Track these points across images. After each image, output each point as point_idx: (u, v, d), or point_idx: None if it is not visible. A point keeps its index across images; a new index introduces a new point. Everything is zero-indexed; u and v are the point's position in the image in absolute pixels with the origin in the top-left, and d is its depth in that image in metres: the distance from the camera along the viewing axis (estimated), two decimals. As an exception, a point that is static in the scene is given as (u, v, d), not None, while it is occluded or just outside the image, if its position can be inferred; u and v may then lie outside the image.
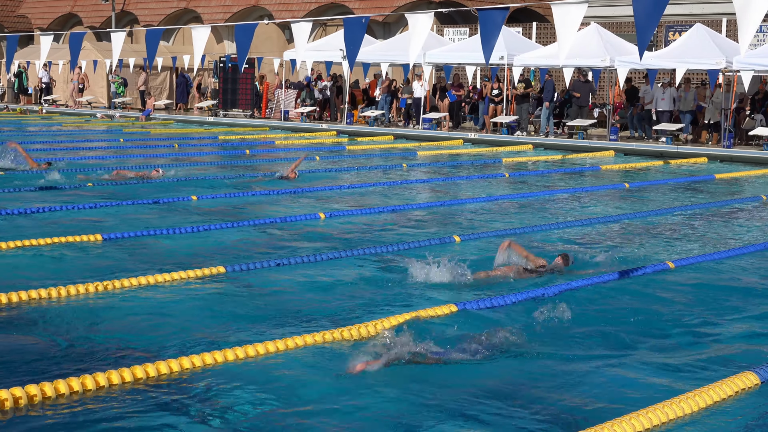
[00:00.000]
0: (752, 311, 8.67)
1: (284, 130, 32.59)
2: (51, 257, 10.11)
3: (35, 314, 7.86)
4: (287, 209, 14.00)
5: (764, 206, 16.02)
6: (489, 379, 6.61)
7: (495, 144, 27.85)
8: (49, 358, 6.77)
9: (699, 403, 5.96)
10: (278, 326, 7.69)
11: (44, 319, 7.74)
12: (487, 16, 16.05)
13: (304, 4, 46.70)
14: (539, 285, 9.28)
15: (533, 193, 16.99)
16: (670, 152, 25.50)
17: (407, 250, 10.98)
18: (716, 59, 25.76)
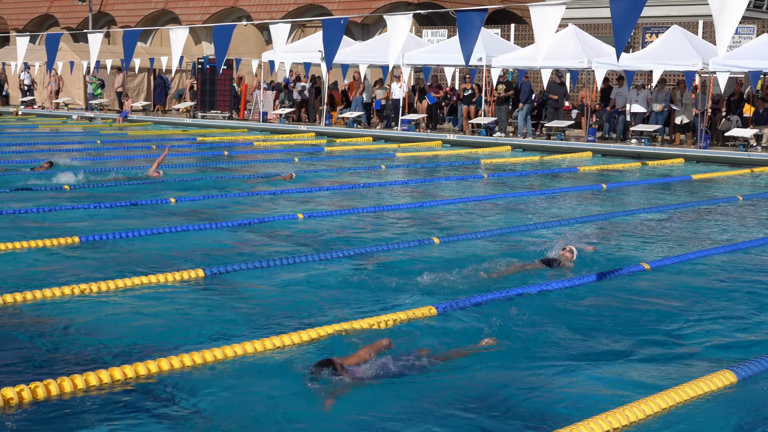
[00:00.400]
0: (728, 311, 8.73)
1: (263, 131, 32.53)
2: (27, 260, 10.06)
3: (11, 318, 7.82)
4: (265, 210, 13.99)
5: (740, 207, 16.12)
6: (462, 380, 6.63)
7: (473, 145, 27.90)
8: (26, 360, 6.74)
9: (676, 400, 6.01)
10: (257, 328, 7.68)
11: (21, 322, 7.70)
12: (465, 17, 16.08)
13: (282, 5, 46.65)
14: (517, 285, 9.31)
15: (512, 194, 17.04)
16: (648, 153, 25.62)
17: (386, 251, 10.99)
18: (693, 61, 25.90)
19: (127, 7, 53.34)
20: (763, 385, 6.56)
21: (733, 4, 12.38)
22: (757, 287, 9.78)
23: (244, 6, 48.21)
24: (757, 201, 17.02)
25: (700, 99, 26.52)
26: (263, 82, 36.12)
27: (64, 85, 42.04)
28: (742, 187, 19.39)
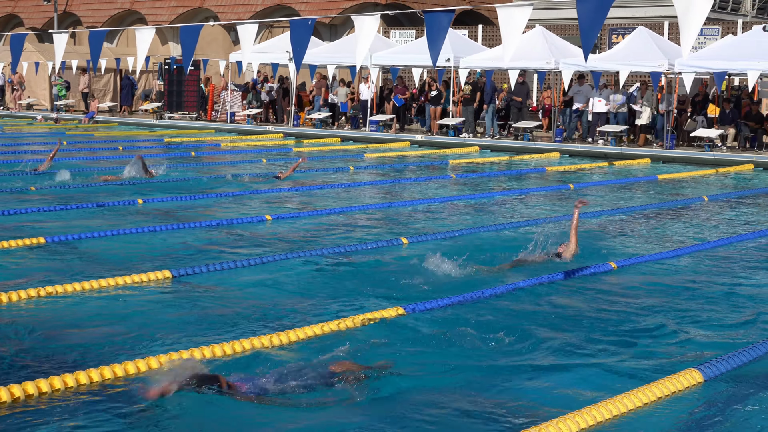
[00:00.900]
0: (694, 310, 8.79)
1: (230, 132, 32.42)
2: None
3: (-23, 320, 7.74)
4: (234, 212, 13.93)
5: (706, 207, 16.25)
6: (429, 382, 6.63)
7: (442, 146, 27.95)
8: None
9: (643, 400, 6.04)
10: (224, 330, 7.64)
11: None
12: (433, 18, 16.12)
13: (249, 5, 46.52)
14: (485, 285, 9.33)
15: (480, 194, 17.08)
16: (614, 153, 25.78)
17: (354, 252, 10.97)
18: (658, 61, 26.10)
19: (92, 8, 52.96)
20: (730, 383, 6.61)
21: (697, 5, 12.49)
22: (722, 287, 9.86)
23: (211, 6, 48.02)
24: (723, 201, 17.16)
25: (666, 99, 26.73)
26: (231, 83, 36.00)
27: (27, 86, 41.67)
28: (708, 187, 19.56)
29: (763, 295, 9.53)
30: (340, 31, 43.11)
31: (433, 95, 30.45)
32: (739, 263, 11.15)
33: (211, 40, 45.00)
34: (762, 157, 24.30)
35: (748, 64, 24.66)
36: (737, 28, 31.88)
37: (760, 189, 19.49)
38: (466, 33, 37.11)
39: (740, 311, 8.80)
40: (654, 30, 30.42)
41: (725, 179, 21.44)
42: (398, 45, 34.62)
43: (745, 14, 39.34)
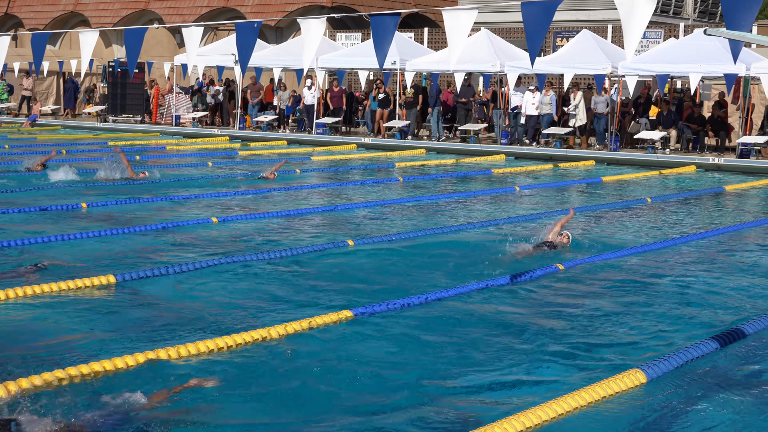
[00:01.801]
0: (639, 310, 8.89)
1: (175, 135, 32.17)
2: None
3: None
4: (179, 215, 13.83)
5: (649, 208, 16.45)
6: (374, 384, 6.64)
7: (388, 149, 27.99)
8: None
9: (587, 400, 6.09)
10: (169, 334, 7.58)
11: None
12: (379, 21, 16.13)
13: (195, 8, 46.22)
14: (433, 288, 9.35)
15: (427, 196, 17.12)
16: (559, 156, 26.01)
17: (300, 254, 10.95)
18: (602, 64, 26.38)
19: (35, 9, 52.24)
20: (673, 383, 6.69)
21: (640, 9, 12.64)
22: (665, 287, 9.99)
23: (155, 9, 47.63)
24: (666, 202, 17.39)
25: (604, 101, 27.03)
26: (176, 86, 35.73)
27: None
28: (651, 189, 19.80)
29: (705, 295, 9.67)
30: (286, 34, 42.99)
31: (380, 98, 30.47)
32: (682, 264, 11.30)
33: (156, 42, 44.63)
34: (704, 158, 24.66)
35: (690, 67, 25.02)
36: (679, 31, 32.32)
37: (702, 191, 19.77)
38: (412, 36, 37.20)
39: (683, 311, 8.92)
40: (598, 33, 30.74)
41: (668, 181, 21.72)
42: (344, 48, 34.60)
43: (686, 18, 39.90)
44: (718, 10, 41.38)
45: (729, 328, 7.98)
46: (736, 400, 6.43)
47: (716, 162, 24.32)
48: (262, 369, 6.84)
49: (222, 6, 45.51)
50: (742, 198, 19.12)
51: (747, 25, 10.31)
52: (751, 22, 10.33)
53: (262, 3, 44.46)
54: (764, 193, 19.82)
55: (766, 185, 20.97)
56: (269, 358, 7.05)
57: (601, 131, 27.33)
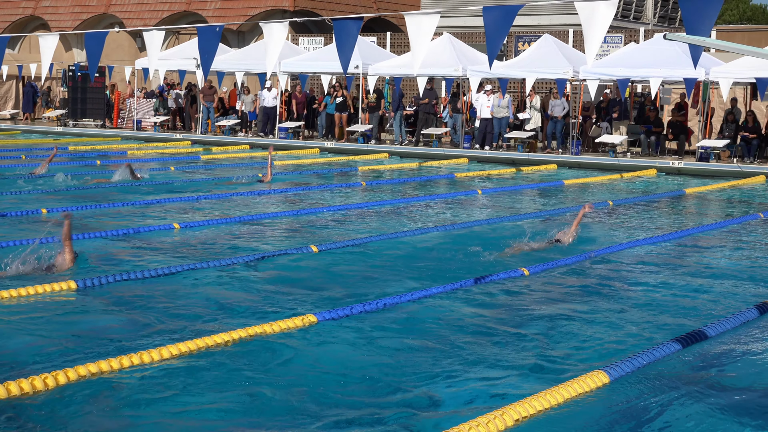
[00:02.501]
0: (602, 313, 8.95)
1: (137, 139, 31.97)
2: None
3: None
4: (141, 220, 13.73)
5: (610, 211, 16.56)
6: (342, 389, 6.63)
7: (351, 153, 27.99)
8: None
9: (551, 402, 6.12)
10: (131, 341, 7.53)
11: None
12: (341, 25, 16.13)
13: (156, 12, 45.97)
14: (400, 292, 9.36)
15: (390, 200, 17.13)
16: (522, 159, 26.13)
17: (263, 259, 10.91)
18: (564, 69, 26.55)
19: (-7, 13, 51.75)
20: (635, 384, 6.74)
21: (600, 14, 12.73)
22: (627, 290, 10.07)
23: (116, 12, 47.32)
24: (627, 205, 17.51)
25: (560, 105, 27.22)
26: (137, 90, 35.50)
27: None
28: (613, 192, 19.95)
29: (666, 297, 9.75)
30: (248, 38, 42.88)
31: (338, 101, 30.44)
32: (644, 266, 11.38)
33: (117, 46, 44.35)
34: (664, 162, 24.89)
35: (651, 72, 25.26)
36: (639, 36, 32.61)
37: (663, 194, 19.94)
38: (375, 40, 37.24)
39: (645, 313, 8.99)
40: (559, 38, 30.95)
41: (630, 184, 21.89)
42: (307, 52, 34.57)
43: (647, 22, 40.26)
44: (678, 15, 41.82)
45: (691, 330, 8.05)
46: (697, 401, 6.49)
47: (676, 165, 24.55)
48: (225, 373, 6.80)
49: (183, 10, 45.32)
50: (702, 201, 19.31)
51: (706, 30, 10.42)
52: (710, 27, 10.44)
53: (224, 7, 44.33)
54: (724, 196, 20.03)
55: (726, 188, 21.20)
56: (232, 363, 7.01)
57: (558, 135, 27.48)
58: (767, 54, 8.56)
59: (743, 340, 8.12)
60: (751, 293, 10.00)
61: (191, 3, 45.22)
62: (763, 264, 11.88)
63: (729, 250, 12.86)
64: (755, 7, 77.07)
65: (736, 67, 24.75)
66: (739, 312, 8.82)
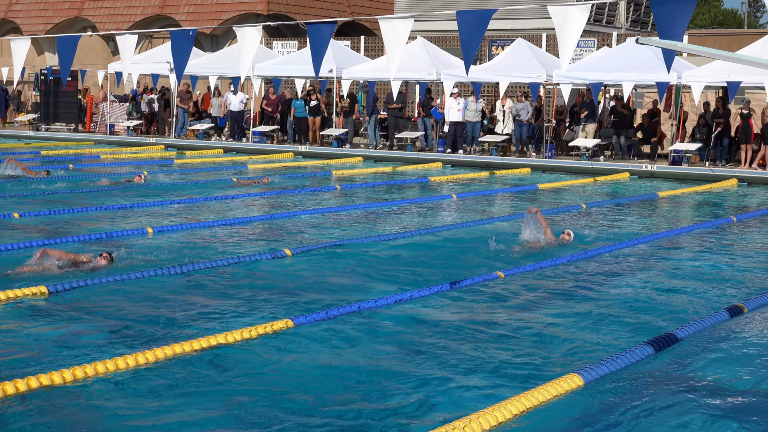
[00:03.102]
0: (576, 316, 8.98)
1: (110, 144, 31.80)
2: None
3: None
4: (114, 225, 13.65)
5: (584, 214, 16.63)
6: (318, 393, 6.62)
7: (325, 157, 27.96)
8: None
9: (526, 405, 6.14)
10: (105, 346, 7.48)
11: None
12: (315, 29, 16.12)
13: (129, 15, 45.76)
14: (375, 296, 9.35)
15: (364, 204, 17.13)
16: (496, 163, 26.20)
17: (237, 264, 10.88)
18: (537, 73, 26.65)
19: (-36, 16, 51.33)
20: (609, 387, 6.77)
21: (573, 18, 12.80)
22: (600, 293, 10.12)
23: (89, 16, 47.07)
24: (601, 209, 17.59)
25: (525, 109, 27.32)
26: (110, 94, 35.34)
27: None
28: (586, 195, 20.03)
29: (640, 300, 9.80)
30: (222, 42, 42.76)
31: (312, 105, 30.40)
32: (618, 269, 11.44)
33: (89, 50, 44.11)
34: (637, 165, 25.02)
35: (623, 75, 25.40)
36: (612, 40, 32.77)
37: (636, 197, 20.05)
38: (349, 44, 37.24)
39: (619, 316, 9.03)
40: (532, 42, 31.05)
41: (603, 188, 21.99)
42: (281, 56, 34.52)
43: (619, 27, 40.48)
44: (651, 19, 42.09)
45: (664, 332, 8.10)
46: (671, 403, 6.53)
47: (649, 169, 24.69)
48: (199, 380, 6.78)
49: (157, 14, 45.15)
50: (674, 204, 19.44)
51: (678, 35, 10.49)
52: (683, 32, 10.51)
53: (197, 11, 44.19)
54: (696, 199, 20.16)
55: (698, 191, 21.34)
56: (206, 369, 6.99)
57: (524, 138, 27.56)
58: (738, 58, 8.64)
59: (715, 342, 8.18)
60: (723, 296, 10.08)
61: (164, 7, 45.06)
62: (734, 267, 11.97)
63: (702, 253, 12.94)
64: (726, 12, 77.71)
65: (707, 71, 24.91)
66: (711, 315, 8.88)
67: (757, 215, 17.31)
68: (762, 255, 13.14)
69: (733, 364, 7.55)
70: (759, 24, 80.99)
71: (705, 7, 75.93)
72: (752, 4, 77.92)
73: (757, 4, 78.60)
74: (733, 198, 20.62)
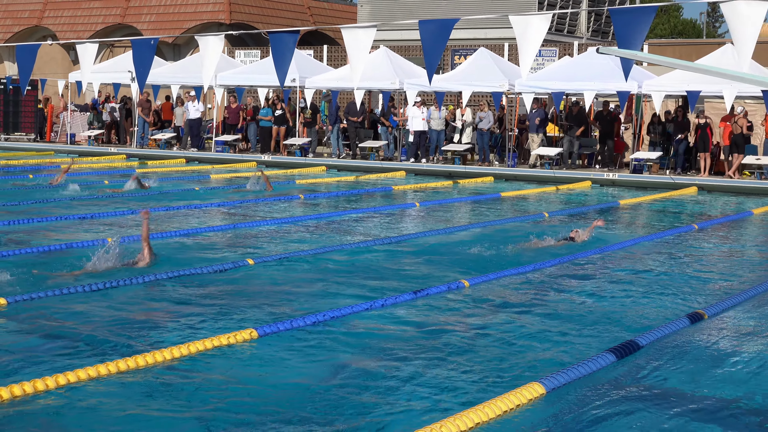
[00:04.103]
0: (538, 324, 9.02)
1: (71, 153, 31.54)
2: None
3: None
4: (73, 235, 13.53)
5: (547, 223, 16.71)
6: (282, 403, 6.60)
7: (289, 166, 27.91)
8: None
9: (489, 414, 6.14)
10: (63, 358, 7.41)
11: None
12: (278, 38, 16.11)
13: (89, 24, 45.47)
14: (339, 306, 9.34)
15: (328, 213, 17.11)
16: (459, 172, 26.28)
17: (200, 275, 10.82)
18: (499, 82, 26.78)
19: None
20: (571, 394, 6.80)
21: (535, 28, 12.89)
22: (562, 302, 10.16)
23: (49, 25, 46.71)
24: (563, 217, 17.69)
25: (487, 117, 27.45)
26: (71, 104, 35.07)
27: None
28: (549, 204, 20.14)
29: (602, 308, 9.87)
30: (184, 51, 42.59)
31: (277, 114, 30.34)
32: (580, 278, 11.49)
33: (50, 59, 43.77)
34: (599, 174, 25.20)
35: (584, 85, 25.60)
36: (573, 49, 33.02)
37: (598, 205, 20.19)
38: (312, 53, 37.23)
39: (581, 325, 9.07)
40: (494, 51, 31.20)
41: (565, 196, 22.12)
42: (243, 65, 34.44)
43: (580, 36, 40.79)
44: (611, 29, 42.41)
45: (625, 340, 8.15)
46: (632, 410, 6.57)
47: (611, 177, 24.88)
48: (161, 392, 6.73)
49: (118, 23, 44.90)
50: (636, 212, 19.58)
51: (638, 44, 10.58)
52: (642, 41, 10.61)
53: (159, 20, 44.00)
54: (657, 207, 20.32)
55: (659, 199, 21.52)
56: (169, 380, 6.94)
57: (486, 147, 27.66)
58: (697, 67, 8.73)
59: (677, 349, 8.24)
60: (685, 303, 10.16)
61: (126, 15, 44.83)
62: (696, 274, 12.08)
63: (665, 260, 13.05)
64: (686, 22, 78.56)
65: (667, 80, 25.18)
66: (672, 322, 8.95)
67: (718, 223, 17.49)
68: (723, 262, 13.28)
69: (693, 371, 7.61)
70: (717, 34, 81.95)
71: (664, 17, 76.71)
72: (711, 14, 78.83)
73: (715, 14, 79.55)
74: (694, 206, 20.82)
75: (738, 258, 13.81)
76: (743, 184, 23.77)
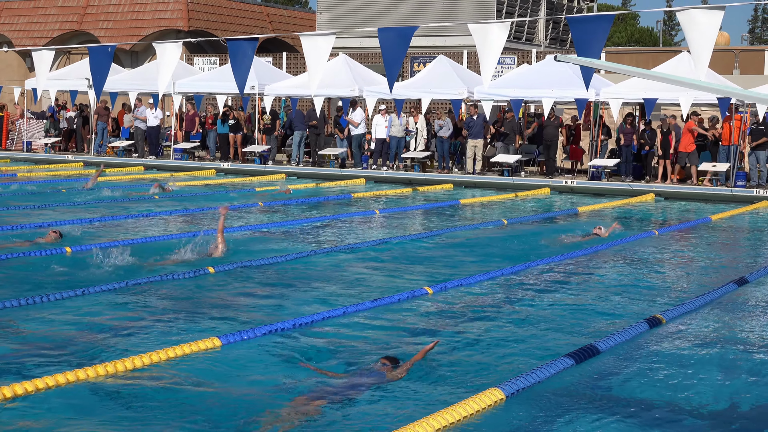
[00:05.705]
0: (498, 331, 9.06)
1: (27, 162, 31.21)
2: None
3: None
4: (29, 245, 13.36)
5: (505, 229, 16.77)
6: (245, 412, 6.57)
7: (248, 173, 27.81)
8: None
9: (449, 420, 6.15)
10: (23, 368, 7.33)
11: None
12: (236, 46, 16.08)
13: (46, 31, 45.08)
14: (296, 315, 9.32)
15: (287, 221, 17.05)
16: (419, 179, 26.32)
17: (159, 282, 10.75)
18: (459, 89, 26.88)
19: None
20: (530, 399, 6.83)
21: (494, 36, 12.96)
22: (523, 308, 10.22)
23: (4, 32, 46.25)
24: (521, 224, 17.78)
25: (446, 125, 27.55)
26: (27, 111, 34.71)
27: None
28: (508, 211, 20.22)
29: (562, 314, 9.93)
30: (142, 58, 42.36)
31: (231, 123, 30.23)
32: (540, 285, 11.56)
33: (5, 66, 43.33)
34: (558, 181, 25.36)
35: (543, 92, 25.78)
36: (532, 57, 33.23)
37: (557, 212, 20.31)
38: (271, 60, 37.16)
39: (541, 330, 9.13)
40: (454, 59, 31.32)
41: (524, 203, 22.23)
42: (202, 72, 34.30)
43: (539, 44, 41.07)
44: (569, 37, 42.76)
45: (584, 345, 8.20)
46: (590, 413, 6.62)
47: (569, 184, 25.05)
48: (127, 399, 6.67)
49: (75, 29, 44.56)
50: (594, 219, 19.71)
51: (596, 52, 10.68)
52: (600, 49, 10.71)
53: (116, 27, 43.73)
54: (615, 213, 20.47)
55: (617, 206, 21.69)
56: (135, 388, 6.88)
57: (446, 154, 27.75)
58: (654, 75, 8.82)
59: (635, 353, 8.31)
60: (644, 307, 10.25)
61: (83, 22, 44.50)
62: (654, 280, 12.19)
63: (624, 266, 13.16)
64: (643, 30, 79.38)
65: (625, 88, 25.42)
66: (631, 326, 9.02)
67: (677, 229, 17.67)
68: (682, 267, 13.42)
69: (652, 375, 7.68)
70: (674, 42, 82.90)
71: (622, 25, 77.47)
72: (667, 22, 79.71)
73: (672, 22, 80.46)
74: (652, 212, 21.01)
75: (697, 264, 13.96)
76: (700, 190, 24.03)
